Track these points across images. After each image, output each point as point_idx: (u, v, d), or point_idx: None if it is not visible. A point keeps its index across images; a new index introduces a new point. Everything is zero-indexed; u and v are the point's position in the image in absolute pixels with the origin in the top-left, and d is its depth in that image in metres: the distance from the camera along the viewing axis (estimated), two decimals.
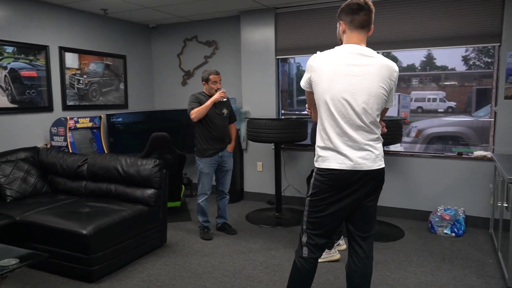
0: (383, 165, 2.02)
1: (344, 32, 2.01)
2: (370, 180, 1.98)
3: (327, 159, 1.97)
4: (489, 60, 4.72)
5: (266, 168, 5.11)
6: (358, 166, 1.93)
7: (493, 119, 4.03)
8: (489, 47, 4.28)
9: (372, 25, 2.00)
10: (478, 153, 4.03)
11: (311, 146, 4.88)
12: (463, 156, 4.13)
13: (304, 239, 2.10)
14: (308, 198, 2.07)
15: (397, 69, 1.97)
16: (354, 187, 1.97)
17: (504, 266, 2.93)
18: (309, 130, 4.30)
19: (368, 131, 1.95)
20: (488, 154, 3.98)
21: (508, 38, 3.76)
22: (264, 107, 5.01)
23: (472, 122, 5.36)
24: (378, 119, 1.98)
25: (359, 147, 1.94)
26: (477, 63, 4.83)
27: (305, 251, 2.11)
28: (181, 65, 5.71)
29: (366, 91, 1.90)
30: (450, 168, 4.14)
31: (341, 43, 2.04)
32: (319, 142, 2.03)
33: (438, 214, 3.93)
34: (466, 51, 4.53)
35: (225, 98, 3.66)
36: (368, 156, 1.95)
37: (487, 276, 2.97)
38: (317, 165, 2.04)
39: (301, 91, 5.48)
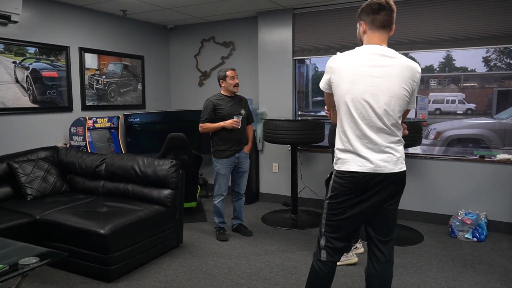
0: (405, 168, 1.97)
1: (364, 32, 1.97)
2: (391, 184, 1.94)
3: (347, 162, 1.94)
4: (511, 62, 4.60)
5: (282, 169, 5.08)
6: (378, 169, 1.89)
7: None
8: None
9: (394, 25, 1.96)
10: (502, 156, 3.92)
11: (328, 148, 4.83)
12: (486, 159, 4.02)
13: (323, 242, 2.07)
14: (327, 201, 2.04)
15: (419, 69, 1.92)
16: (374, 190, 1.92)
17: None
18: (327, 132, 4.26)
19: (389, 133, 1.90)
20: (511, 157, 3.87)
21: None
22: (280, 108, 4.99)
23: (494, 125, 5.21)
24: (400, 121, 1.93)
25: (380, 150, 1.89)
26: (498, 64, 4.71)
27: (323, 255, 2.07)
28: (198, 66, 5.73)
29: (387, 93, 1.86)
30: (472, 171, 4.04)
31: (362, 44, 2.00)
32: (338, 144, 2.00)
33: (459, 218, 3.84)
34: (487, 52, 4.43)
35: (237, 127, 3.63)
36: (389, 158, 1.90)
37: (511, 283, 2.88)
38: (336, 167, 2.00)
39: (316, 92, 5.45)
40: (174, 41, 5.90)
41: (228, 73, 3.71)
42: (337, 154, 2.00)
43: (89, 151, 4.31)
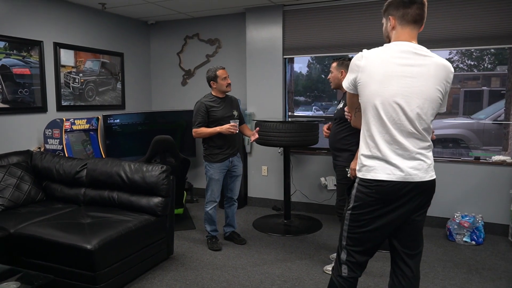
0: (435, 176, 1.83)
1: (393, 28, 1.80)
2: (421, 193, 1.79)
3: (374, 169, 1.77)
4: (472, 63, 4.68)
5: (272, 172, 4.89)
6: (409, 177, 1.73)
7: (511, 122, 3.90)
8: (473, 50, 4.31)
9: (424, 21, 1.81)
10: (497, 157, 3.89)
11: (321, 150, 4.69)
12: (481, 160, 3.99)
13: (344, 256, 1.89)
14: (349, 211, 1.86)
15: (452, 69, 1.77)
16: (403, 200, 1.76)
17: None
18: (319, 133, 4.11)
19: (420, 139, 1.75)
20: (507, 159, 3.84)
21: None
22: (270, 109, 4.79)
23: (473, 125, 5.25)
24: (431, 125, 1.78)
25: (410, 156, 1.73)
26: (461, 65, 4.78)
27: (344, 270, 1.90)
28: (181, 64, 5.45)
29: (421, 95, 1.70)
30: (467, 173, 4.00)
31: (389, 41, 1.84)
32: (363, 150, 1.82)
33: (457, 221, 3.78)
34: (450, 53, 4.47)
35: (235, 131, 3.38)
36: (420, 166, 1.75)
37: None
38: (360, 175, 1.83)
39: (297, 92, 5.30)
40: (155, 37, 5.58)
41: (219, 73, 3.46)
42: (363, 160, 1.82)
43: (66, 155, 3.97)
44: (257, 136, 3.52)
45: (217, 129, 3.36)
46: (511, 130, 3.91)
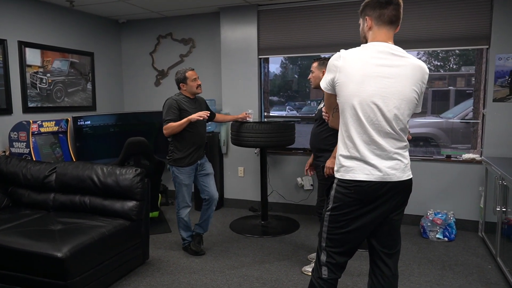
0: (411, 175, 1.84)
1: (370, 28, 1.80)
2: (399, 192, 1.80)
3: (352, 170, 1.76)
4: (438, 64, 4.82)
5: (248, 173, 4.86)
6: (387, 177, 1.74)
7: (479, 121, 4.03)
8: (439, 51, 4.42)
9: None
10: (467, 155, 4.01)
11: (297, 150, 4.70)
12: (452, 158, 4.10)
13: (324, 258, 1.88)
14: (328, 213, 1.85)
15: (428, 71, 1.79)
16: (381, 200, 1.77)
17: (508, 273, 2.87)
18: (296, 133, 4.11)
19: (397, 139, 1.76)
20: (476, 157, 3.96)
21: (496, 40, 3.75)
22: (245, 109, 4.72)
23: (442, 123, 5.40)
24: (407, 126, 1.80)
25: (388, 156, 1.74)
26: (428, 66, 4.93)
27: (324, 271, 1.89)
28: (154, 64, 5.33)
29: (398, 95, 1.71)
30: (439, 171, 4.09)
31: (366, 42, 1.84)
32: (342, 150, 1.82)
33: (430, 218, 3.86)
34: (418, 54, 4.59)
35: (205, 118, 3.27)
36: (397, 166, 1.76)
37: (491, 284, 2.90)
38: (338, 175, 1.83)
39: (270, 92, 5.30)
40: (126, 37, 5.44)
41: (188, 74, 3.35)
42: (341, 161, 1.81)
43: (34, 159, 3.80)
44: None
45: (186, 119, 3.22)
46: (479, 129, 4.03)
